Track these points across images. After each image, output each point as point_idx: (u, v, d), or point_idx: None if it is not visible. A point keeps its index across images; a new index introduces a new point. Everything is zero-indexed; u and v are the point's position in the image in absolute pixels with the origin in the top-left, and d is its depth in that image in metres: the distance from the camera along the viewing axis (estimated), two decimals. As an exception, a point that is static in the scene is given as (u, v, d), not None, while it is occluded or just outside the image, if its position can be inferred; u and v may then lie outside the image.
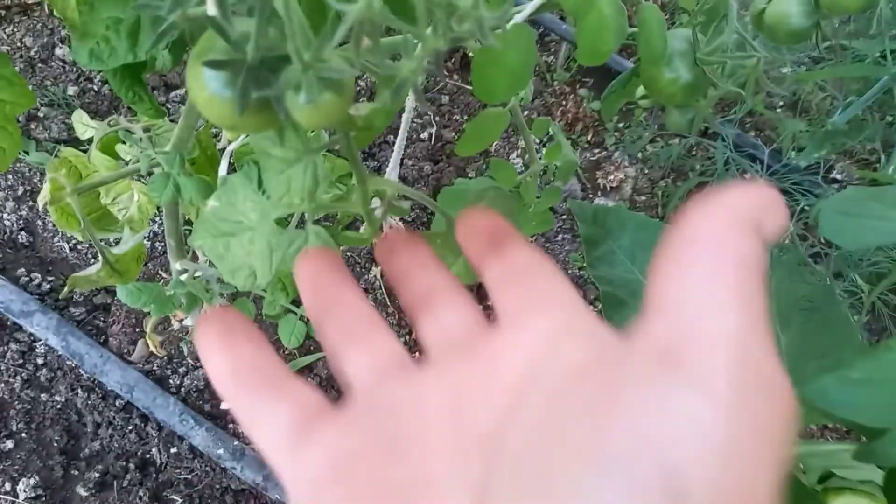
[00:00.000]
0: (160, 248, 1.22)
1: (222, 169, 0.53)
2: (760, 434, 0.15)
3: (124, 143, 0.79)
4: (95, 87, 1.36)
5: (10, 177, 1.26)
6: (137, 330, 1.15)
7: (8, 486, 1.07)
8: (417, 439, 0.19)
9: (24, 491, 1.06)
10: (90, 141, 0.80)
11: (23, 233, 1.23)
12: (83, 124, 0.88)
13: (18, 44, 1.37)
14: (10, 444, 1.10)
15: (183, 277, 0.56)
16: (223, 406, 1.09)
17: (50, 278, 1.21)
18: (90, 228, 0.45)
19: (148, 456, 1.11)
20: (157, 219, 1.21)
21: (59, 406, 1.13)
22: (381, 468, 0.19)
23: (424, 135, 1.38)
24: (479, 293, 0.49)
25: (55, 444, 1.11)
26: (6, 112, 0.45)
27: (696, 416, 0.14)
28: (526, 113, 1.43)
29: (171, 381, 1.14)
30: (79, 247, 1.24)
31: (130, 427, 1.12)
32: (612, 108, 0.60)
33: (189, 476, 1.10)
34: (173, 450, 1.11)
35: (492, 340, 0.21)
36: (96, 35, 0.36)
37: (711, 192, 0.17)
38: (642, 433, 0.14)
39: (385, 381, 0.21)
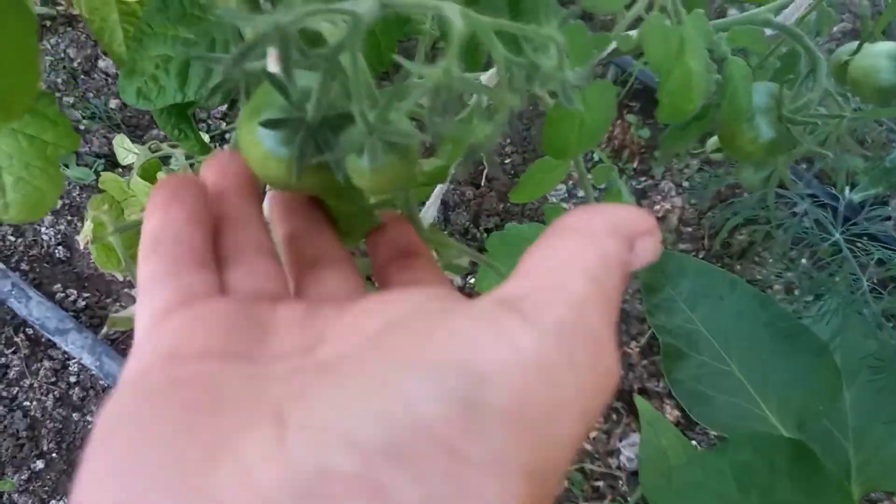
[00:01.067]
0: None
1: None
2: (575, 374, 0.15)
3: (163, 168, 0.78)
4: (136, 101, 1.35)
5: (48, 190, 1.25)
6: (172, 351, 1.14)
7: (38, 508, 1.06)
8: (263, 353, 0.19)
9: (54, 513, 1.05)
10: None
11: (60, 248, 1.22)
12: (125, 149, 0.86)
13: (62, 55, 1.36)
14: (41, 464, 1.09)
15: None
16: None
17: (86, 295, 1.19)
18: (132, 269, 0.43)
19: (179, 481, 1.09)
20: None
21: (90, 426, 1.12)
22: (215, 371, 0.18)
23: (466, 157, 1.36)
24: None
25: (86, 466, 1.09)
26: (48, 154, 0.43)
27: (514, 338, 0.15)
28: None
29: (204, 404, 1.12)
30: (115, 263, 1.23)
31: (162, 450, 1.10)
32: (670, 151, 0.57)
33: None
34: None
35: (364, 301, 0.21)
36: (144, 73, 0.35)
37: (611, 204, 0.19)
38: (460, 346, 0.15)
39: (260, 300, 0.21)
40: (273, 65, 0.20)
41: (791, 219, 0.74)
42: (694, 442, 1.13)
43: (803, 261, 1.21)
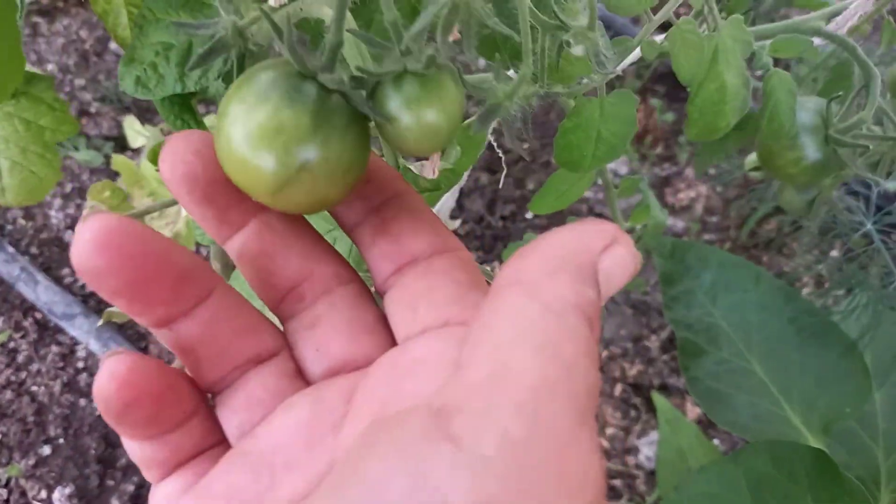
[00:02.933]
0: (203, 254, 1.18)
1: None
2: None
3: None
4: (148, 83, 1.33)
5: (59, 173, 1.24)
6: (179, 338, 1.12)
7: (44, 494, 1.05)
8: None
9: (60, 500, 1.04)
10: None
11: (69, 231, 1.21)
12: (135, 131, 0.84)
13: (74, 36, 1.35)
14: (47, 449, 1.08)
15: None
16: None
17: (94, 279, 1.18)
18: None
19: (184, 469, 1.07)
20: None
21: (97, 413, 1.11)
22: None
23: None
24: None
25: (92, 452, 1.08)
26: (45, 139, 0.41)
27: (441, 490, 0.12)
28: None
29: (211, 392, 1.11)
30: (125, 247, 1.21)
31: (168, 439, 1.09)
32: (705, 164, 0.53)
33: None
34: (210, 465, 1.08)
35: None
36: (144, 61, 0.32)
37: (547, 233, 0.15)
38: None
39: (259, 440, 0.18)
40: None
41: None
42: (717, 441, 1.08)
43: (833, 253, 1.15)
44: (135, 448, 0.18)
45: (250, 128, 0.16)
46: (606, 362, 1.13)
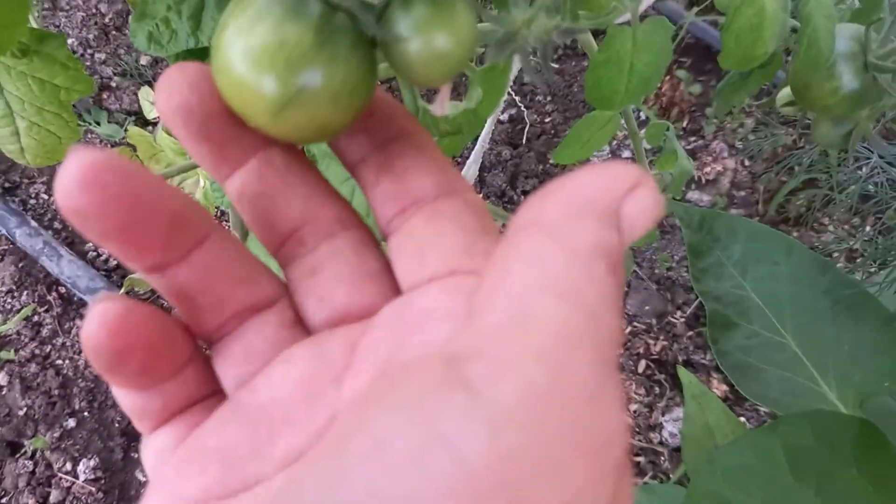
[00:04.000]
0: (227, 227, 1.18)
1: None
2: (557, 470, 0.11)
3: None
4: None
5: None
6: (201, 312, 1.12)
7: (69, 466, 1.06)
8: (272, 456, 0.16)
9: (84, 472, 1.05)
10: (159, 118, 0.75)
11: (91, 206, 1.21)
12: (150, 103, 0.83)
13: (94, 10, 1.34)
14: (72, 422, 1.09)
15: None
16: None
17: (117, 254, 1.18)
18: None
19: (207, 443, 1.08)
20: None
21: (121, 386, 1.11)
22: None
23: (504, 116, 1.30)
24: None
25: (116, 425, 1.09)
26: (61, 99, 0.41)
27: (456, 444, 0.11)
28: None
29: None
30: (146, 222, 1.22)
31: (191, 412, 1.09)
32: (727, 103, 0.51)
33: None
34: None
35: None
36: (156, 16, 0.32)
37: (568, 174, 0.14)
38: (375, 480, 0.11)
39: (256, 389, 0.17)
40: None
41: (855, 179, 0.67)
42: (742, 418, 1.07)
43: (867, 228, 1.12)
44: (125, 398, 0.17)
45: (250, 44, 0.15)
46: (630, 338, 1.11)
